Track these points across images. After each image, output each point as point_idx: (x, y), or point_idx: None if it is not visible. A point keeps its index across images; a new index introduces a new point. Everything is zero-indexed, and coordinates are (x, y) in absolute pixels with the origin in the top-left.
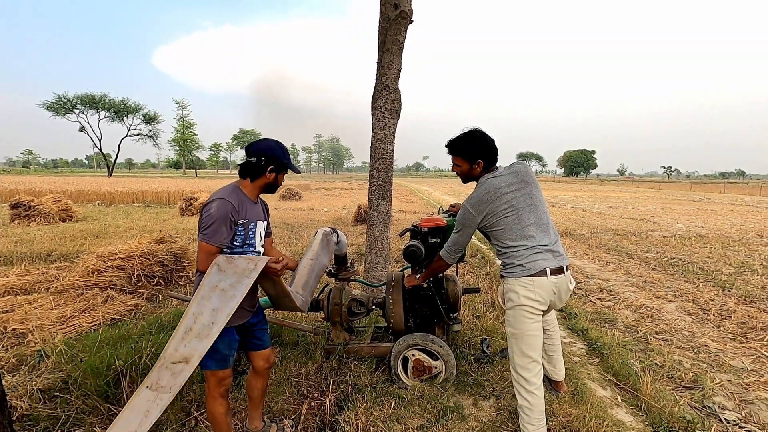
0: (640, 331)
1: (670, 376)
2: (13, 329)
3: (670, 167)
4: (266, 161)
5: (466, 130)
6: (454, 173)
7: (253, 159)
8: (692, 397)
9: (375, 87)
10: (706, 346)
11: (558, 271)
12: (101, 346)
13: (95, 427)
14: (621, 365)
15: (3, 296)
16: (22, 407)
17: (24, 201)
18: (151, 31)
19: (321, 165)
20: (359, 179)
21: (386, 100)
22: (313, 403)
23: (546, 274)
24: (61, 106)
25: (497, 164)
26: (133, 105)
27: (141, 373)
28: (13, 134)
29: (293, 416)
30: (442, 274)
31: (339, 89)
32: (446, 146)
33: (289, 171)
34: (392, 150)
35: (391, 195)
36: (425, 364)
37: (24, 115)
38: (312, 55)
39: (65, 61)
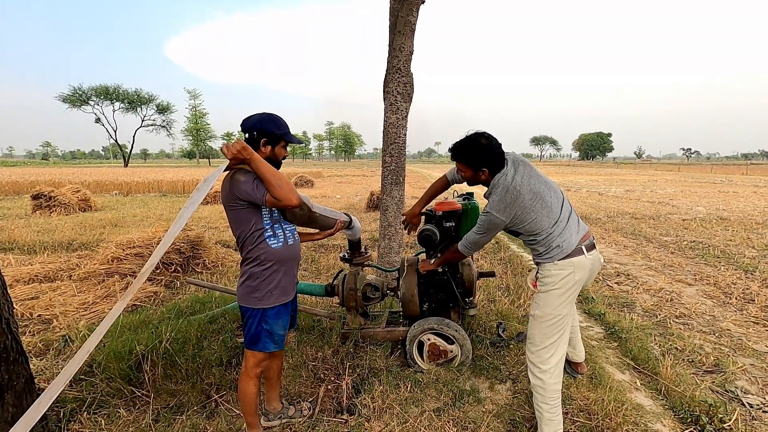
0: (659, 315)
1: (690, 360)
2: (39, 315)
3: (690, 149)
4: (258, 135)
5: (470, 134)
6: None
7: (247, 135)
8: (713, 381)
9: (387, 70)
10: (728, 330)
11: (592, 246)
12: (123, 331)
13: (119, 408)
14: (640, 349)
15: (28, 284)
16: None
17: (44, 192)
18: (163, 22)
19: (332, 152)
20: (371, 166)
21: (398, 84)
22: (330, 386)
23: (583, 253)
24: (77, 98)
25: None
26: (146, 95)
27: (162, 357)
28: (32, 127)
29: (310, 399)
30: None
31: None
32: (449, 151)
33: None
34: (405, 134)
35: (404, 180)
36: (441, 348)
37: (42, 107)
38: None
39: (80, 53)
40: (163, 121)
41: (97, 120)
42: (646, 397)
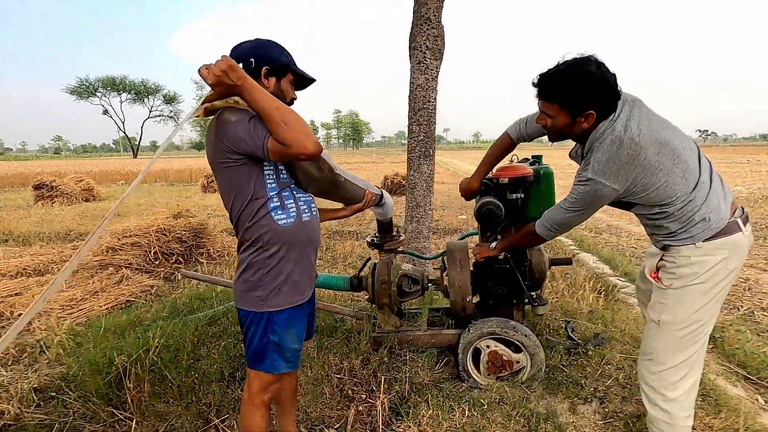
0: (741, 307)
1: None
2: (19, 314)
3: (707, 130)
4: (256, 62)
5: (570, 60)
6: (476, 145)
7: (241, 65)
8: None
9: (413, 22)
10: None
11: (746, 218)
12: (106, 335)
13: None
14: (745, 353)
15: (15, 278)
16: (10, 412)
17: (46, 181)
18: (167, 15)
19: (341, 141)
20: (380, 153)
21: (427, 37)
22: (361, 408)
23: (739, 228)
24: (84, 90)
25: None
26: (153, 86)
27: (149, 369)
28: (44, 122)
29: (337, 425)
30: None
31: None
32: (535, 85)
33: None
34: (435, 98)
35: (434, 152)
36: (504, 357)
37: (53, 102)
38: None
39: (87, 48)
40: (171, 111)
41: (105, 111)
42: None
